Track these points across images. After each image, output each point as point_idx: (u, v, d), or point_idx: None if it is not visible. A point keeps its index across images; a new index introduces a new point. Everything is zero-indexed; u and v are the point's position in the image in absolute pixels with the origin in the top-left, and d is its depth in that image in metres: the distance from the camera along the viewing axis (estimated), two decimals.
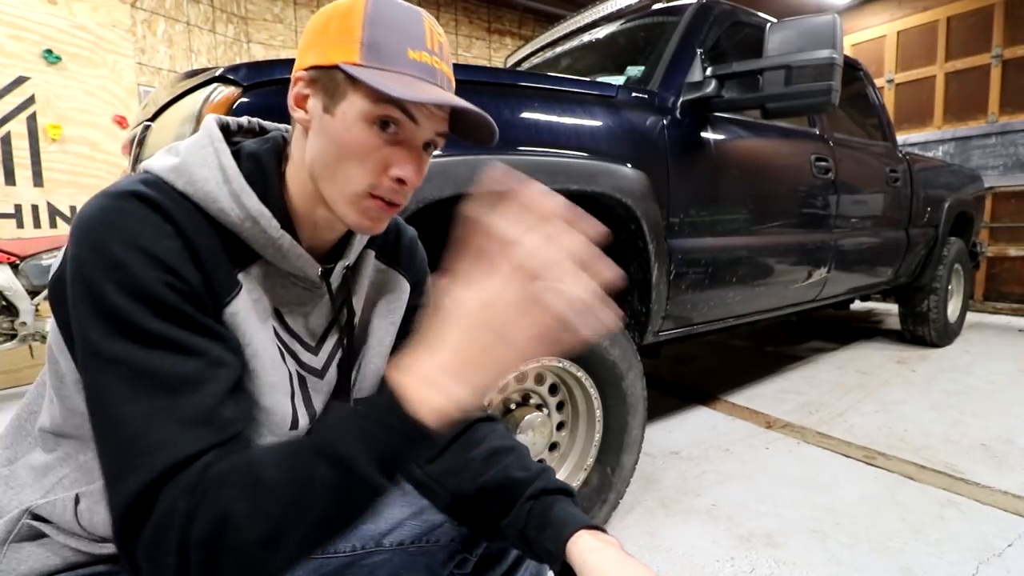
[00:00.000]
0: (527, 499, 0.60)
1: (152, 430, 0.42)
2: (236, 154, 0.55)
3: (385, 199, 0.54)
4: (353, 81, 0.50)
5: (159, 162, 0.52)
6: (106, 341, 0.43)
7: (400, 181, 0.53)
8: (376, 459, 0.42)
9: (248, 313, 0.53)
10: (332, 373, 0.64)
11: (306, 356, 0.61)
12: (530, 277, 0.41)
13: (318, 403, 0.62)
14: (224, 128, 0.59)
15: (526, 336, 0.41)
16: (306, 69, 0.53)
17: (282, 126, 0.64)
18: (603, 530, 0.57)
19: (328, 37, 0.52)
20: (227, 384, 0.47)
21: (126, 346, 0.43)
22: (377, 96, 0.50)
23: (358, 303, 0.66)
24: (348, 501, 0.43)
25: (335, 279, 0.62)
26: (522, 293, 0.41)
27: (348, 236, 0.63)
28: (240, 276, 0.53)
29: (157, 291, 0.45)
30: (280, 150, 0.58)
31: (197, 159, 0.52)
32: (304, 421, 0.60)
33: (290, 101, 0.55)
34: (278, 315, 0.59)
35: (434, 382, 0.42)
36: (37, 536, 0.54)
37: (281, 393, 0.56)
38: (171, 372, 0.44)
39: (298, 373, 0.60)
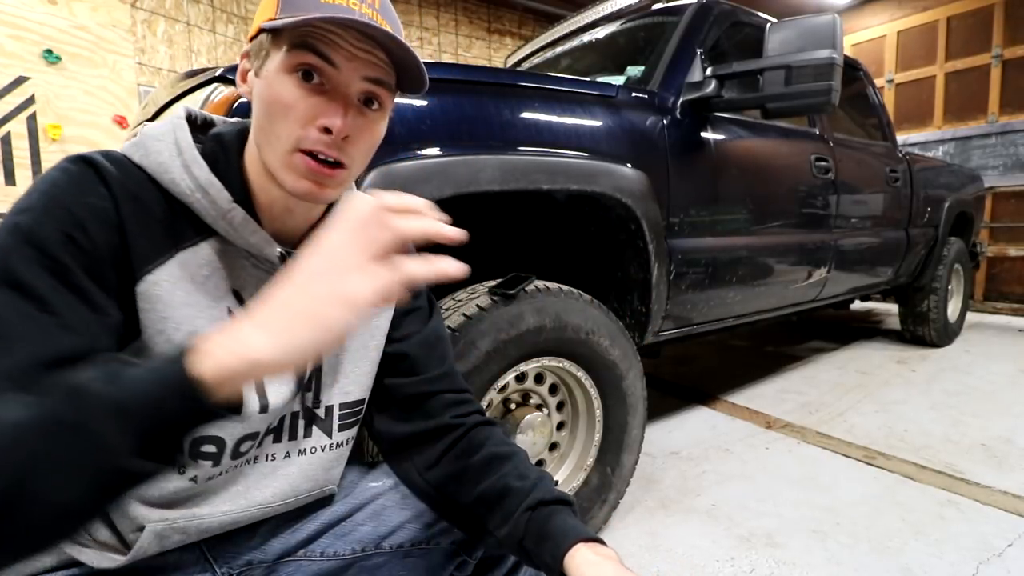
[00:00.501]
0: (525, 510, 0.60)
1: None
2: (203, 140, 0.56)
3: (319, 156, 0.51)
4: (272, 37, 0.51)
5: (128, 142, 0.54)
6: None
7: (327, 131, 0.50)
8: (124, 414, 0.36)
9: (176, 286, 0.52)
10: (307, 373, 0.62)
11: None
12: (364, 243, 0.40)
13: (272, 392, 0.58)
14: (208, 123, 0.61)
15: (347, 298, 0.40)
16: (248, 47, 0.55)
17: None
18: (602, 542, 0.57)
19: (259, 10, 0.54)
20: (63, 350, 0.43)
21: None
22: (289, 42, 0.50)
23: None
24: (66, 448, 0.35)
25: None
26: (350, 254, 0.40)
27: (320, 223, 0.60)
28: (187, 251, 0.53)
29: (50, 238, 0.44)
30: (245, 132, 0.58)
31: (154, 133, 0.54)
32: (253, 407, 0.57)
33: (237, 79, 0.56)
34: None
35: (235, 331, 0.39)
36: None
37: None
38: (10, 321, 0.42)
39: None
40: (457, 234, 0.43)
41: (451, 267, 0.42)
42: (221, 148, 0.56)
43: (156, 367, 0.39)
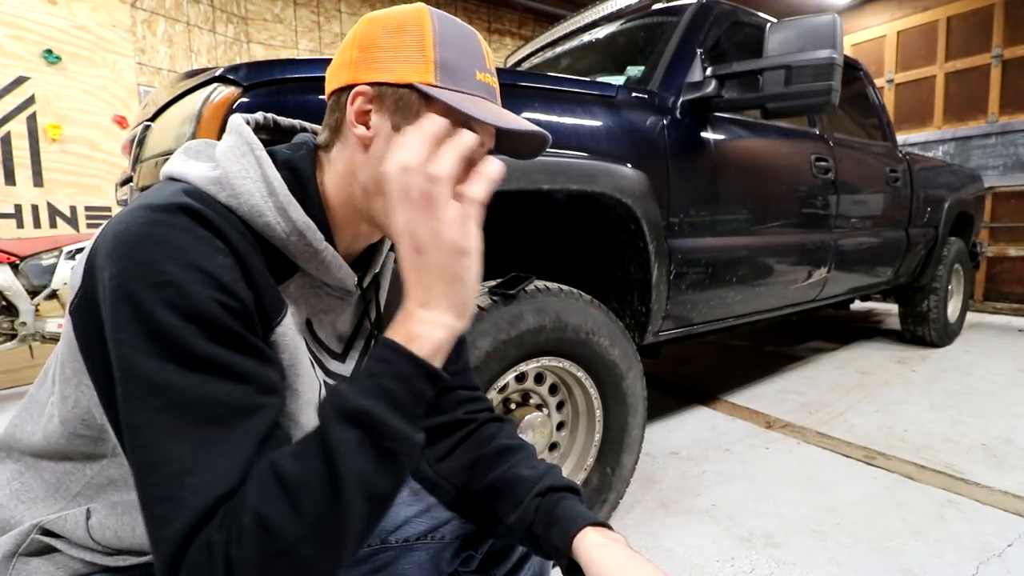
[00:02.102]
0: (534, 496, 0.61)
1: (204, 464, 0.39)
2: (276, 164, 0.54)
3: None
4: (427, 101, 0.51)
5: (195, 170, 0.49)
6: (154, 366, 0.40)
7: None
8: (394, 406, 0.42)
9: (293, 331, 0.52)
10: None
11: (333, 364, 0.61)
12: (422, 206, 0.45)
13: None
14: (257, 125, 0.59)
15: (450, 250, 0.45)
16: (370, 84, 0.51)
17: (296, 122, 0.63)
18: (609, 527, 0.57)
19: (397, 54, 0.51)
20: (276, 412, 0.46)
21: (176, 371, 0.40)
22: (456, 118, 0.50)
23: (383, 307, 0.66)
24: (381, 456, 0.41)
25: (365, 284, 0.62)
26: (424, 222, 0.45)
27: (377, 243, 0.63)
28: (282, 291, 0.53)
29: (211, 311, 0.42)
30: (314, 157, 0.56)
31: (238, 170, 0.50)
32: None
33: (350, 116, 0.52)
34: (308, 324, 0.58)
35: (419, 319, 0.45)
36: (46, 551, 0.53)
37: (312, 408, 0.55)
38: (223, 400, 0.41)
39: (324, 382, 0.59)
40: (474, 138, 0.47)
41: (494, 168, 0.47)
42: (297, 179, 0.54)
43: (392, 370, 0.44)
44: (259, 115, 0.60)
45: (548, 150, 1.23)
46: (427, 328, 0.45)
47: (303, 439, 0.42)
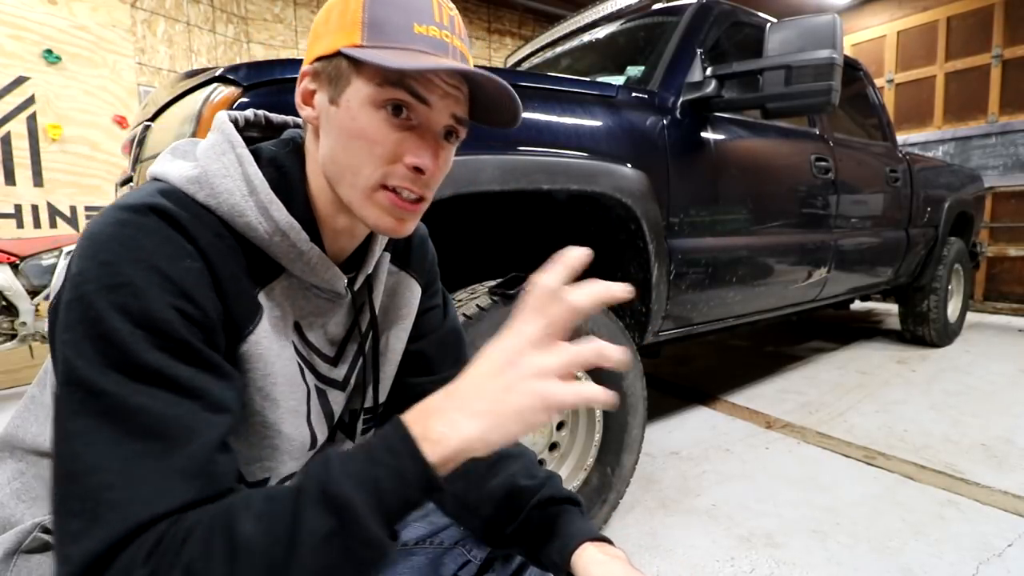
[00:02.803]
0: (533, 508, 0.60)
1: (130, 481, 0.36)
2: (255, 159, 0.51)
3: (403, 193, 0.50)
4: (356, 65, 0.47)
5: (175, 170, 0.48)
6: (94, 370, 0.38)
7: (417, 170, 0.49)
8: (380, 507, 0.37)
9: (271, 339, 0.50)
10: (352, 384, 0.63)
11: (324, 368, 0.59)
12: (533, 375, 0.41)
13: (336, 415, 0.61)
14: (246, 122, 0.57)
15: (516, 408, 0.40)
16: (311, 63, 0.51)
17: (289, 118, 0.61)
18: (610, 542, 0.56)
19: (330, 25, 0.49)
20: (223, 432, 0.42)
21: (117, 379, 0.38)
22: (382, 77, 0.46)
23: (377, 310, 0.64)
24: (347, 557, 0.37)
25: (356, 287, 0.60)
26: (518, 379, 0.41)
27: (367, 242, 0.60)
28: (262, 295, 0.50)
29: (165, 317, 0.40)
30: (301, 152, 0.54)
31: (218, 168, 0.48)
32: (322, 438, 0.58)
33: (297, 99, 0.52)
34: (297, 328, 0.56)
35: (448, 420, 0.40)
36: (47, 548, 0.53)
37: (299, 416, 0.54)
38: (163, 414, 0.39)
39: (317, 388, 0.58)
40: (626, 291, 0.42)
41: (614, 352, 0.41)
42: (283, 177, 0.52)
43: (391, 462, 0.39)
44: (249, 112, 0.59)
45: (548, 150, 1.24)
46: (451, 434, 0.39)
47: (275, 498, 0.38)
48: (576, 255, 0.41)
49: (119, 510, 0.36)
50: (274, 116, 0.61)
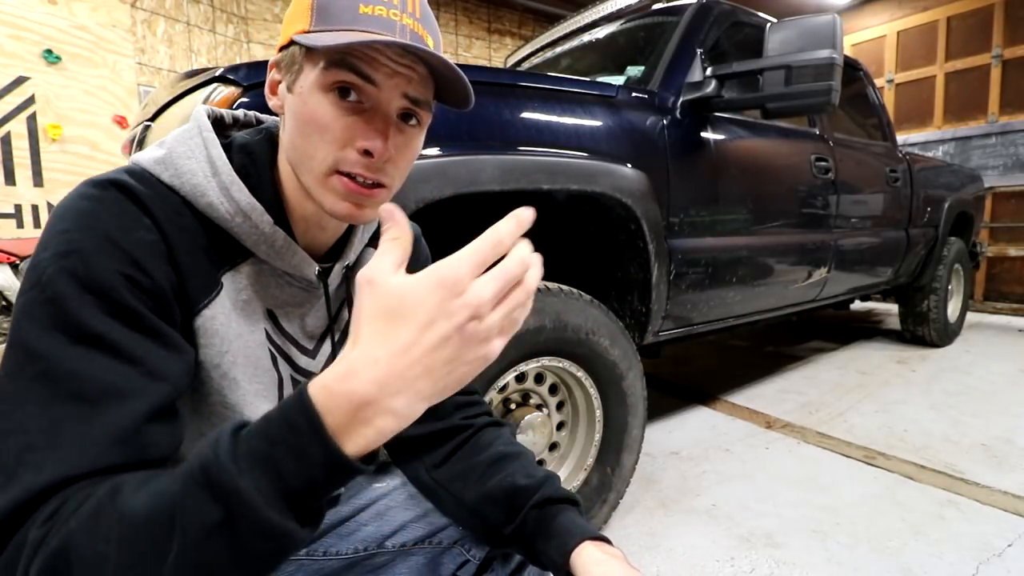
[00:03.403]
0: (531, 507, 0.60)
1: (51, 442, 0.36)
2: (228, 146, 0.53)
3: (357, 177, 0.49)
4: (306, 50, 0.48)
5: (146, 154, 0.50)
6: (37, 332, 0.39)
7: (367, 153, 0.48)
8: (280, 492, 0.33)
9: (229, 317, 0.50)
10: None
11: (302, 360, 0.59)
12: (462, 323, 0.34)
13: None
14: (218, 121, 0.57)
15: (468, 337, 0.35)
16: (277, 53, 0.52)
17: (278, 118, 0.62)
18: (608, 541, 0.57)
19: (290, 15, 0.50)
20: (158, 400, 0.41)
21: (56, 340, 0.38)
22: (326, 59, 0.46)
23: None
24: (239, 551, 0.33)
25: (333, 279, 0.59)
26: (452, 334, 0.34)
27: (348, 235, 0.60)
28: (227, 276, 0.51)
29: (111, 282, 0.40)
30: (274, 141, 0.55)
31: (183, 150, 0.49)
32: None
33: (266, 90, 0.53)
34: (271, 316, 0.56)
35: (382, 417, 0.34)
36: None
37: (266, 402, 0.54)
38: (95, 378, 0.39)
39: (292, 378, 0.58)
40: (529, 213, 0.37)
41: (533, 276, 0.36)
42: (252, 162, 0.53)
43: (300, 447, 0.33)
44: (240, 112, 0.60)
45: (548, 150, 1.24)
46: (382, 429, 0.34)
47: (175, 476, 0.34)
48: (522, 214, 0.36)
49: (34, 471, 0.35)
50: (266, 117, 0.61)
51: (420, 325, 0.34)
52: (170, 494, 0.33)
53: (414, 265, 0.68)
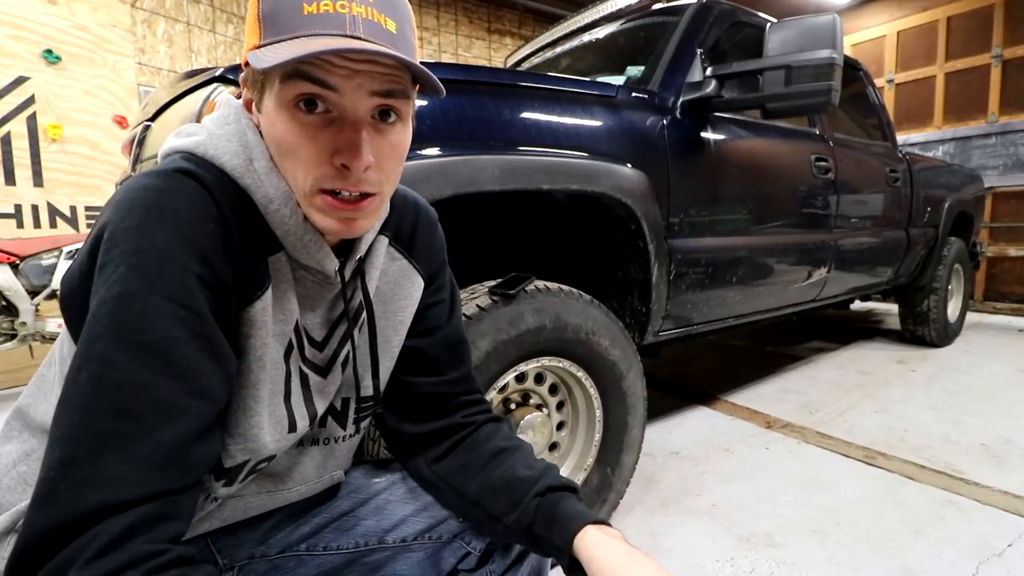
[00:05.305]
0: (533, 496, 0.60)
1: (93, 458, 0.36)
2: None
3: (341, 193, 0.47)
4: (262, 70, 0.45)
5: (187, 141, 0.48)
6: (99, 334, 0.38)
7: (345, 167, 0.46)
8: None
9: (268, 314, 0.50)
10: (337, 371, 0.62)
11: (310, 352, 0.59)
12: None
13: (319, 403, 0.60)
14: None
15: None
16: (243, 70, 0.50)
17: None
18: (609, 524, 0.58)
19: (245, 32, 0.48)
20: (204, 421, 0.42)
21: (113, 345, 0.38)
22: (281, 73, 0.44)
23: (372, 295, 0.63)
24: None
25: (347, 271, 0.58)
26: None
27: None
28: (269, 265, 0.50)
29: (183, 282, 0.40)
30: None
31: (223, 134, 0.49)
32: (302, 424, 0.58)
33: (243, 110, 0.52)
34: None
35: None
36: None
37: (280, 397, 0.55)
38: (144, 393, 0.38)
39: (300, 371, 0.58)
40: None
41: None
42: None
43: None
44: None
45: (548, 150, 1.24)
46: None
47: None
48: None
49: (75, 491, 0.35)
50: None
51: None
52: None
53: (426, 252, 0.68)
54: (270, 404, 0.53)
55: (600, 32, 2.18)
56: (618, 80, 1.71)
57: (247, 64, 0.47)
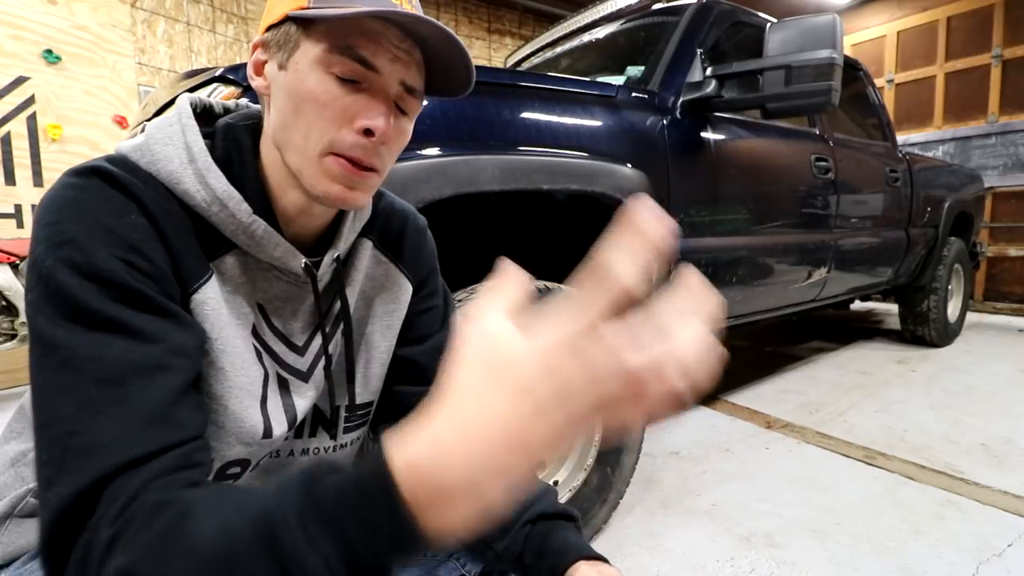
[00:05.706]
0: (524, 524, 0.58)
1: (91, 427, 0.36)
2: (212, 134, 0.51)
3: (353, 159, 0.47)
4: (304, 26, 0.46)
5: (127, 142, 0.49)
6: (51, 325, 0.39)
7: (368, 132, 0.47)
8: (344, 560, 0.29)
9: (219, 304, 0.49)
10: (319, 376, 0.59)
11: (291, 357, 0.57)
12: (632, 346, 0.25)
13: (301, 408, 0.58)
14: (207, 110, 0.55)
15: (586, 407, 0.26)
16: (262, 34, 0.50)
17: None
18: (605, 560, 0.55)
19: None
20: (187, 376, 0.42)
21: (72, 330, 0.38)
22: (329, 43, 0.45)
23: (352, 300, 0.60)
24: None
25: (324, 272, 0.56)
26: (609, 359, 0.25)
27: (337, 224, 0.57)
28: (214, 265, 0.49)
29: (112, 268, 0.40)
30: (258, 126, 0.53)
31: (161, 136, 0.48)
32: (280, 429, 0.55)
33: (249, 71, 0.51)
34: (261, 311, 0.54)
35: (455, 481, 0.27)
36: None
37: (251, 397, 0.52)
38: (120, 360, 0.38)
39: (278, 375, 0.56)
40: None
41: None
42: (236, 148, 0.51)
43: (372, 520, 0.28)
44: (231, 101, 0.58)
45: (548, 150, 1.24)
46: (467, 513, 0.27)
47: (244, 512, 0.31)
48: None
49: (84, 457, 0.35)
50: (257, 107, 0.59)
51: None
52: (235, 538, 0.30)
53: (414, 258, 0.66)
54: (240, 403, 0.51)
55: (600, 32, 2.18)
56: (618, 80, 1.71)
57: (274, 25, 0.48)
